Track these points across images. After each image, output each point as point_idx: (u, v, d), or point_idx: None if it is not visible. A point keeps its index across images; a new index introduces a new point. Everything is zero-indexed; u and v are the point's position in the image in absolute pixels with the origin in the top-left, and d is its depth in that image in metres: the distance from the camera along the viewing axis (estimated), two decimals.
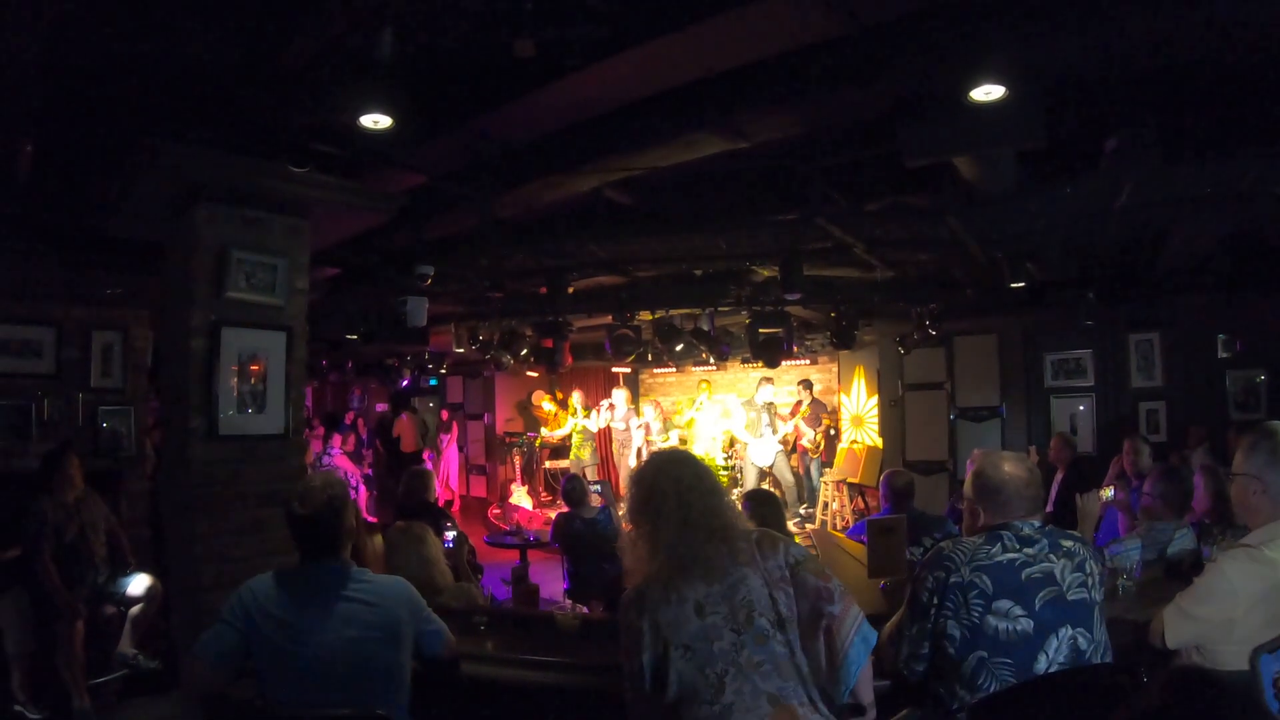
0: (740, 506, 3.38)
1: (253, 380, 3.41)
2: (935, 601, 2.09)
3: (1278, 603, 2.10)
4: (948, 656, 2.06)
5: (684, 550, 1.93)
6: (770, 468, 9.45)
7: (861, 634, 1.91)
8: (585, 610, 5.30)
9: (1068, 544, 2.11)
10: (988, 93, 2.86)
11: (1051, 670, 1.97)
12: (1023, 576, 2.04)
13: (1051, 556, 2.07)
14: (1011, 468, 2.20)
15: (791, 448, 9.64)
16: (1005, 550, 2.08)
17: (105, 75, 3.20)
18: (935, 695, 2.13)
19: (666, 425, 10.81)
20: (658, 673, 1.86)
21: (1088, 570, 2.08)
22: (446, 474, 12.24)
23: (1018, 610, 2.00)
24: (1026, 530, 2.12)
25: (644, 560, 2.00)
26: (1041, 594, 2.02)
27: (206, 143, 3.18)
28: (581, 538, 5.50)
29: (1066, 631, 2.00)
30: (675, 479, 2.03)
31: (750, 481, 9.33)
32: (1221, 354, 7.03)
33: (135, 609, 4.52)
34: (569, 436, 11.05)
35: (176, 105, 3.21)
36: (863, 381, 10.61)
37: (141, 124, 3.13)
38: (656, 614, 1.88)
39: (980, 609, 2.02)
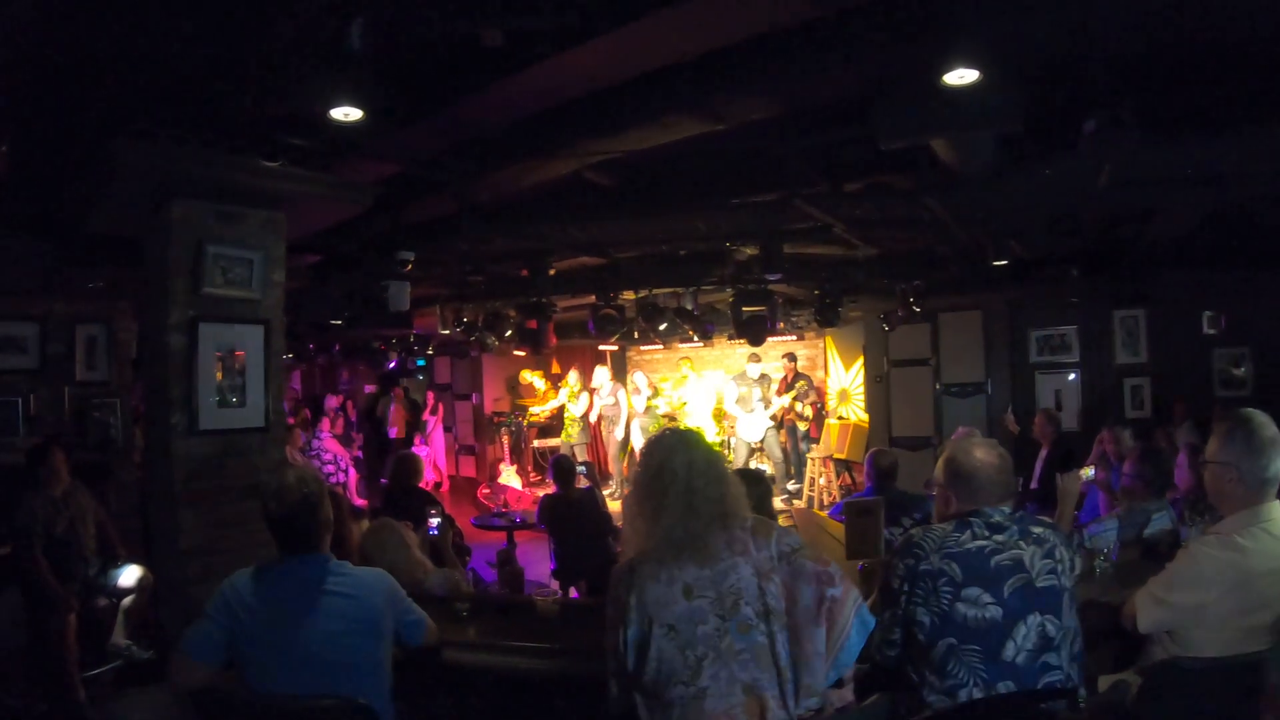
0: None
1: (232, 374, 3.42)
2: (905, 588, 2.12)
3: (1249, 590, 2.13)
4: (918, 643, 2.09)
5: (682, 533, 1.96)
6: (760, 443, 9.49)
7: (860, 616, 1.98)
8: (574, 592, 5.39)
9: (1038, 530, 2.14)
10: (962, 76, 2.84)
11: (1019, 658, 2.01)
12: (992, 564, 2.06)
13: (1021, 544, 2.09)
14: (983, 454, 2.22)
15: (779, 423, 9.66)
16: (975, 537, 2.10)
17: (78, 72, 3.16)
18: (907, 680, 2.16)
19: (656, 393, 10.80)
20: (639, 650, 1.89)
21: (1057, 557, 2.10)
22: (434, 456, 12.26)
23: (986, 598, 2.03)
24: (996, 517, 2.13)
25: (641, 536, 2.03)
26: (1010, 581, 2.04)
27: (180, 139, 3.15)
28: (568, 518, 5.55)
29: (1035, 619, 2.03)
30: (687, 462, 2.04)
31: (740, 457, 9.36)
32: (1207, 330, 7.02)
33: (127, 600, 4.56)
34: (559, 410, 11.03)
35: (149, 101, 3.17)
36: (836, 355, 10.63)
37: (115, 120, 3.09)
38: (645, 591, 1.91)
39: (949, 596, 2.05)
